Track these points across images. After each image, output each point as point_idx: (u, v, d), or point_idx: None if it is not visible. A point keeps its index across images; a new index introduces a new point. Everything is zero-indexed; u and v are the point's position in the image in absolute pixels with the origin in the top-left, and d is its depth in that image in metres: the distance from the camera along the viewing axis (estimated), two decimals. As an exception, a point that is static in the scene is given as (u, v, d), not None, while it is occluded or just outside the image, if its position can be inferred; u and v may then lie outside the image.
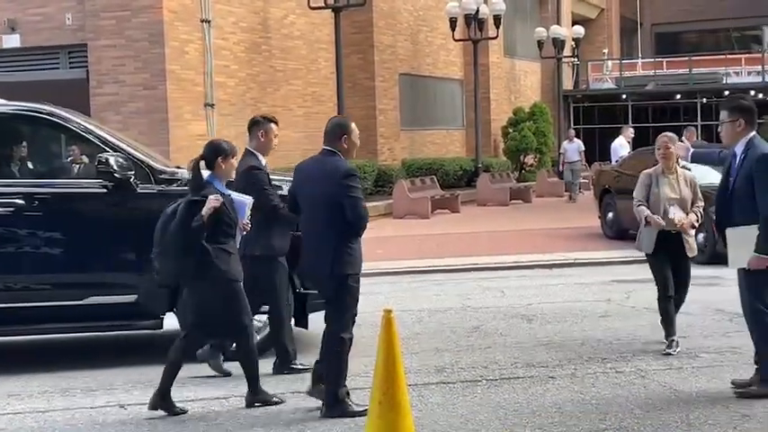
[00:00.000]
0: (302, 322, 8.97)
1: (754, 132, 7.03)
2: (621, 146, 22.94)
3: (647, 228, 8.64)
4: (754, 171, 6.83)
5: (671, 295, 8.63)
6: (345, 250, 6.66)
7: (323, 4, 20.89)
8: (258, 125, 8.24)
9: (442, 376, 7.98)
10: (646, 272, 13.97)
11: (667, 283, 8.62)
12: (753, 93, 35.60)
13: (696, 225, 8.68)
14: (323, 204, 6.67)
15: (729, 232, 7.13)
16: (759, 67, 38.29)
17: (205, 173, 7.09)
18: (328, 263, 6.66)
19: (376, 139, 25.92)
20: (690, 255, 8.65)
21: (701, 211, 8.73)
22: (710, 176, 11.82)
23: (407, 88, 29.12)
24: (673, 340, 8.58)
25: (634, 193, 8.84)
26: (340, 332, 6.74)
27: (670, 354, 8.44)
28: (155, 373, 8.25)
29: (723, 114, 7.13)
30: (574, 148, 28.21)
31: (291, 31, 23.88)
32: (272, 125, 8.27)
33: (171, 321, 8.84)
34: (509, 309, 11.09)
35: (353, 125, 6.94)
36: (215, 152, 7.12)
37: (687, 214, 8.57)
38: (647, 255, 8.77)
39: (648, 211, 8.61)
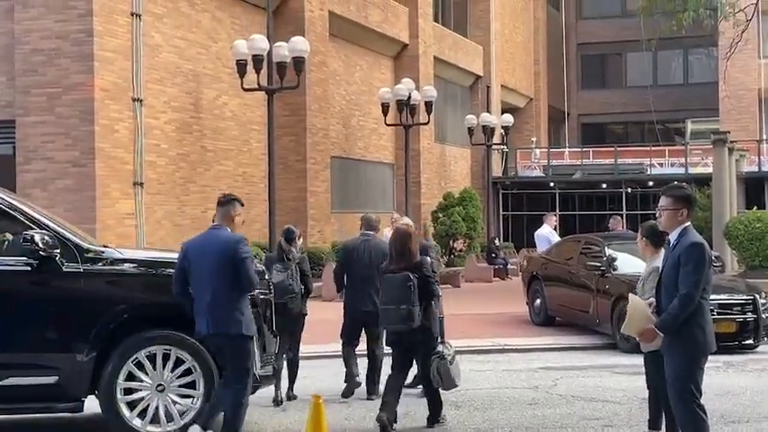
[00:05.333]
0: None
1: (689, 222, 7.02)
2: (550, 233, 23.16)
3: None
4: (681, 257, 6.79)
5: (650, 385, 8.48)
6: None
7: (256, 86, 20.97)
8: None
9: (368, 464, 7.87)
10: (573, 359, 14.12)
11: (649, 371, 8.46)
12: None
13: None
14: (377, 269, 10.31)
15: (632, 297, 7.44)
16: (682, 159, 39.23)
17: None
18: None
19: (306, 221, 25.82)
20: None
21: None
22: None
23: (339, 171, 29.25)
24: None
25: None
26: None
27: None
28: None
29: (666, 201, 6.96)
30: None
31: (223, 111, 23.91)
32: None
33: (91, 404, 8.61)
34: (437, 395, 10.99)
35: None
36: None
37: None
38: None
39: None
